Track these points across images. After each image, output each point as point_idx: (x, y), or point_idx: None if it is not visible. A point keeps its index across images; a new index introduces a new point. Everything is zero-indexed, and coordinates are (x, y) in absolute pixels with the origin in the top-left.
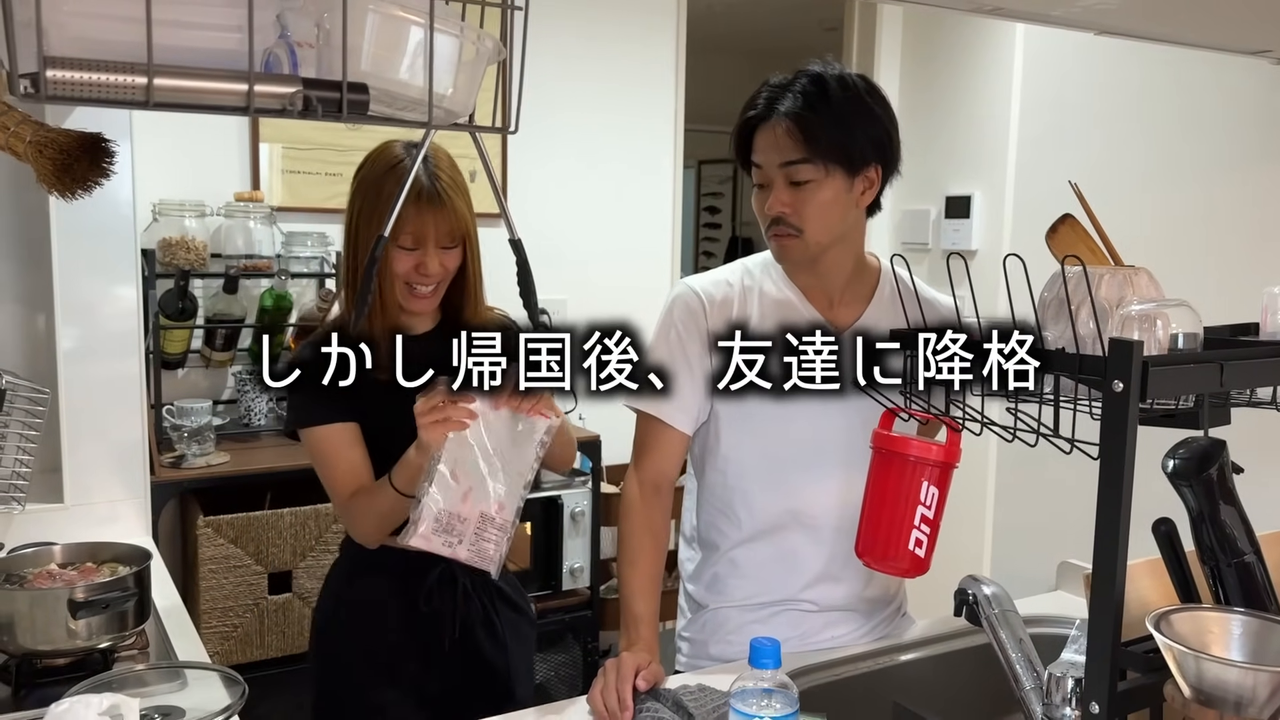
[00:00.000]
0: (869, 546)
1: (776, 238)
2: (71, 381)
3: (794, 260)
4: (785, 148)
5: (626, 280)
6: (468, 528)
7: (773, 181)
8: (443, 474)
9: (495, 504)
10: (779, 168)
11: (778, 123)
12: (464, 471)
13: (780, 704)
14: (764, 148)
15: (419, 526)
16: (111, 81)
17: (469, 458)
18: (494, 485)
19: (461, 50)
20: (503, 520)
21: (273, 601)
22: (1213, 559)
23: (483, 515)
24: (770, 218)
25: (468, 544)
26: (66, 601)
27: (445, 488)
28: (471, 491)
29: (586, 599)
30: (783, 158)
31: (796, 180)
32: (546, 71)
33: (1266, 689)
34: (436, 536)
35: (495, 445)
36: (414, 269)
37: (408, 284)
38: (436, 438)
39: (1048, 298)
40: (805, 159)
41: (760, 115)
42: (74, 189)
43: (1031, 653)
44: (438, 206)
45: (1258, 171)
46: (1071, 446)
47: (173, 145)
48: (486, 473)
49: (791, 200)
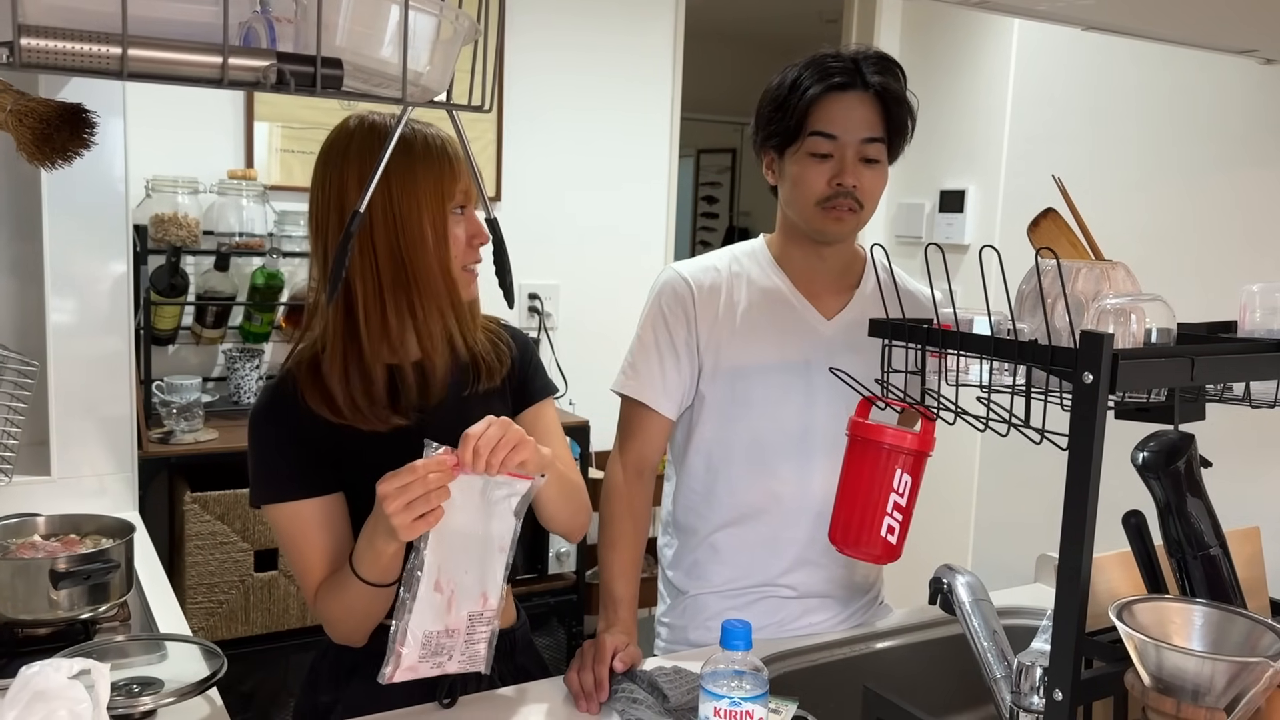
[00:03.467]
0: (842, 532)
1: (834, 210)
2: (61, 355)
3: (843, 236)
4: (871, 122)
5: (621, 267)
6: (456, 639)
7: (843, 154)
8: (425, 588)
9: (480, 597)
10: (859, 142)
11: (864, 94)
12: (447, 574)
13: (750, 685)
14: (844, 118)
15: (403, 660)
16: (86, 51)
17: (451, 551)
18: (477, 574)
19: (439, 28)
20: (490, 612)
21: (258, 578)
22: (1179, 551)
23: (470, 617)
24: (831, 190)
25: (458, 656)
26: (48, 572)
27: (428, 605)
28: (455, 595)
29: (572, 583)
30: (867, 132)
31: (868, 157)
32: (543, 57)
33: (1224, 678)
34: (424, 663)
35: (470, 524)
36: (470, 240)
37: (464, 267)
38: (413, 534)
39: (1025, 290)
40: (881, 138)
41: (844, 83)
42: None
43: (1003, 642)
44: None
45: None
46: (1041, 437)
47: (167, 122)
48: (467, 565)
49: (861, 175)
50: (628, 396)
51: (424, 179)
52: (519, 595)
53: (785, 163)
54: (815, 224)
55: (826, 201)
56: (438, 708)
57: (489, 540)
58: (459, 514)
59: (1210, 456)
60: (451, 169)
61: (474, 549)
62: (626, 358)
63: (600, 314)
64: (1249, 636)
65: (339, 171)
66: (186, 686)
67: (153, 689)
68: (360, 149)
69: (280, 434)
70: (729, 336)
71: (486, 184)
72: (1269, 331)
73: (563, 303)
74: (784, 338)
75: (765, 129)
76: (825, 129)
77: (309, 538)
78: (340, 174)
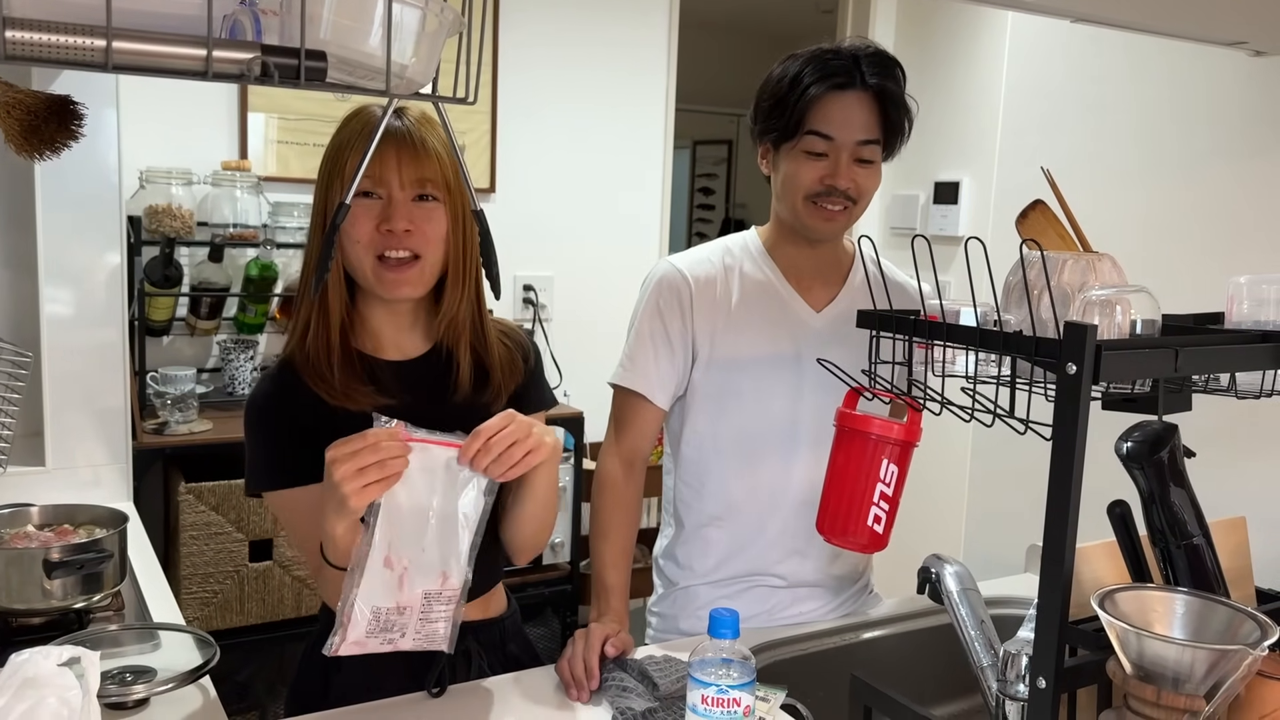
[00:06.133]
0: (830, 522)
1: (827, 208)
2: (55, 346)
3: (833, 234)
4: (867, 125)
5: (616, 259)
6: (410, 617)
7: (838, 155)
8: (374, 562)
9: (439, 575)
10: (855, 144)
11: (863, 95)
12: (398, 551)
13: (738, 673)
14: (841, 119)
15: (348, 632)
16: (70, 44)
17: (403, 528)
18: (436, 552)
19: (424, 21)
20: (450, 591)
21: (253, 569)
22: (1163, 541)
23: (426, 595)
24: (822, 188)
25: (411, 634)
26: (41, 562)
27: (377, 580)
28: (408, 572)
29: (567, 573)
30: (863, 135)
31: (863, 158)
32: (537, 48)
33: (1203, 666)
34: (372, 639)
35: (430, 501)
36: (377, 229)
37: (378, 258)
38: (361, 502)
39: (1012, 282)
40: (877, 140)
41: (844, 83)
42: (41, 150)
43: (990, 630)
44: (409, 145)
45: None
46: (1026, 427)
47: (161, 113)
48: (425, 541)
49: (855, 176)
50: (622, 387)
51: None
52: (512, 585)
53: (780, 157)
54: (804, 220)
55: (817, 197)
56: (427, 696)
57: (451, 518)
58: (418, 491)
59: (1198, 447)
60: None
61: (434, 527)
62: (624, 350)
63: (595, 306)
64: (1229, 625)
65: (327, 165)
66: (179, 675)
67: (145, 678)
68: (353, 143)
69: (277, 421)
70: (722, 328)
71: (482, 176)
72: (1256, 323)
73: (557, 294)
74: (774, 329)
75: (763, 122)
76: (822, 129)
77: (311, 523)
78: (327, 167)
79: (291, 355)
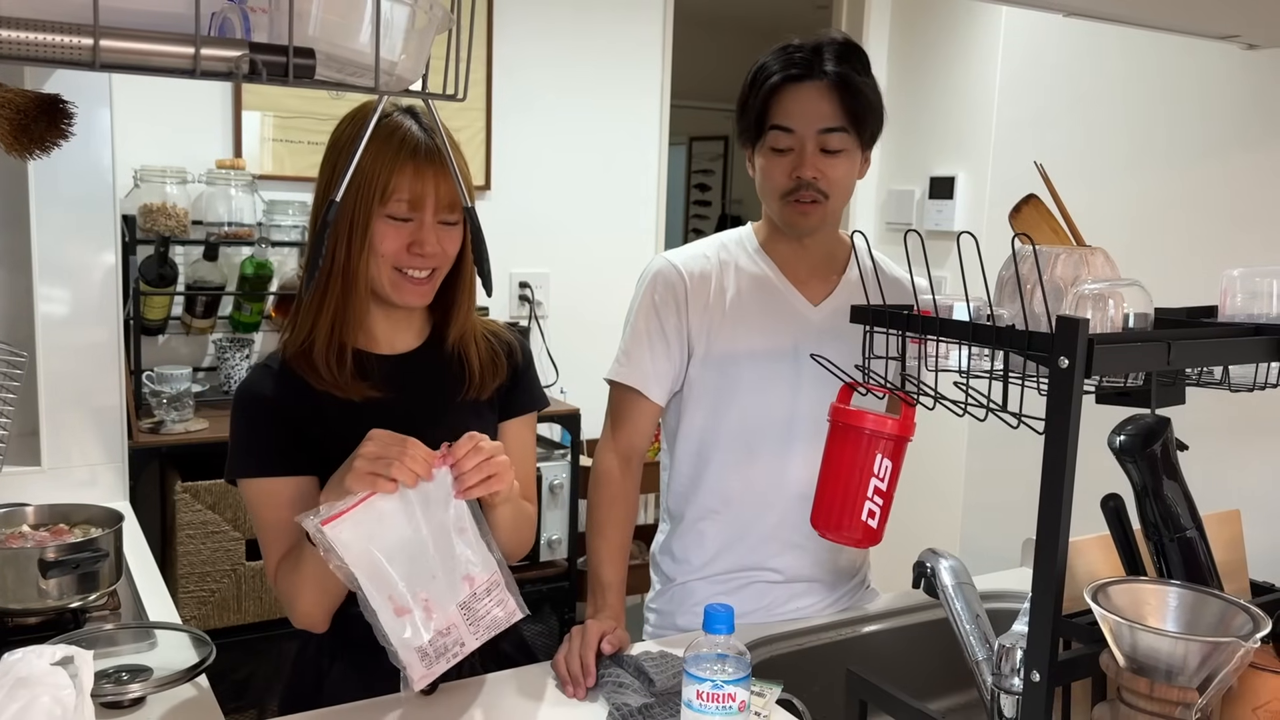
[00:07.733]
0: (824, 517)
1: (799, 203)
2: (50, 345)
3: (811, 229)
4: (826, 114)
5: (612, 255)
6: (459, 630)
7: (803, 146)
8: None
9: (464, 583)
10: (816, 134)
11: (819, 84)
12: (411, 591)
13: (733, 668)
14: (799, 111)
15: (411, 673)
16: (58, 42)
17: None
18: (447, 571)
19: (413, 18)
20: (483, 584)
21: (250, 567)
22: (1156, 534)
23: (462, 605)
24: (794, 183)
25: (471, 637)
26: (37, 561)
27: (404, 628)
28: (431, 602)
29: (564, 570)
30: (823, 124)
31: (829, 148)
32: (533, 45)
33: (1196, 658)
34: (438, 664)
35: (412, 535)
36: (407, 248)
37: (398, 269)
38: (358, 483)
39: (1005, 276)
40: (842, 128)
41: (800, 74)
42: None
43: (985, 624)
44: (439, 166)
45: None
46: (1019, 421)
47: (155, 111)
48: (433, 569)
49: (821, 166)
50: (618, 383)
51: (371, 173)
52: None
53: (756, 156)
54: (783, 217)
55: (790, 195)
56: (421, 694)
57: (444, 534)
58: (394, 533)
59: (1191, 441)
60: (413, 171)
61: (434, 552)
62: (620, 346)
63: (591, 302)
64: (1222, 617)
65: (329, 161)
66: (175, 674)
67: (142, 676)
68: (350, 139)
69: (263, 410)
70: (719, 323)
71: (477, 173)
72: (1249, 316)
73: (553, 291)
74: (772, 324)
75: (739, 123)
76: (782, 122)
77: (280, 515)
78: (329, 163)
79: (285, 347)
